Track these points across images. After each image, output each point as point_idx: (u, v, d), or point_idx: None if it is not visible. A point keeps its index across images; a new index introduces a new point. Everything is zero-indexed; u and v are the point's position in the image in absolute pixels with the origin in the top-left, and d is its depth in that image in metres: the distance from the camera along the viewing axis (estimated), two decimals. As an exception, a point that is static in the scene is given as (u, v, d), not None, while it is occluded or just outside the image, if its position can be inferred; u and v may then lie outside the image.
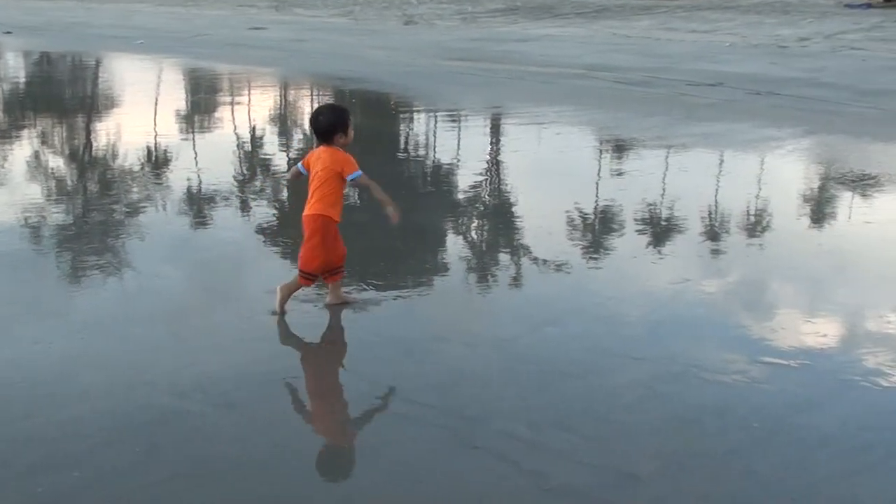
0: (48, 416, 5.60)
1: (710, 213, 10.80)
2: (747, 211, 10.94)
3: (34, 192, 11.28)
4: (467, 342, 6.85)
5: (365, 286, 7.74)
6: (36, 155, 13.82)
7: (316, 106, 7.24)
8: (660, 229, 10.06)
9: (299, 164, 7.33)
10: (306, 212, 7.15)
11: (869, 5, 37.34)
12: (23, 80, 25.04)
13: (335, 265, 7.25)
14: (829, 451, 5.34)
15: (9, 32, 35.13)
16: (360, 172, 7.13)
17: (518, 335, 6.95)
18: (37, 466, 5.05)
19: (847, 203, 11.56)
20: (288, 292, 7.24)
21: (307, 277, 7.22)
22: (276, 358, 6.47)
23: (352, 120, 7.29)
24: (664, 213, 10.62)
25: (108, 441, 5.31)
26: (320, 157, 7.14)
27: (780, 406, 5.88)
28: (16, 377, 6.15)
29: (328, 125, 7.15)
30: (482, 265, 8.92)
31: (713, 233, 10.09)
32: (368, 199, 7.47)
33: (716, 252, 9.40)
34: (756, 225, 10.57)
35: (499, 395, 6.02)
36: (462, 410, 5.76)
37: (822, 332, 7.11)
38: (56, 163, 13.46)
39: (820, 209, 11.35)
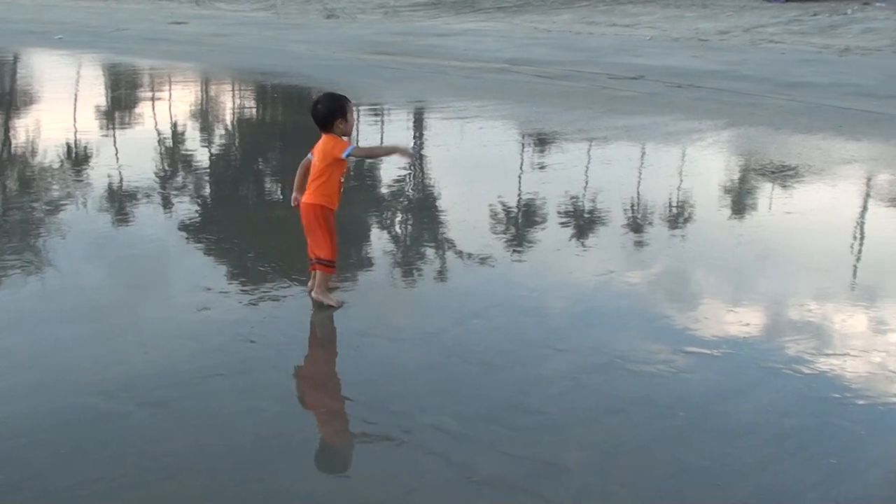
0: (-32, 418, 5.52)
1: (632, 206, 10.88)
2: (669, 203, 11.03)
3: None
4: (393, 336, 6.84)
5: (288, 282, 7.70)
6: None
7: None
8: (583, 222, 10.11)
9: (308, 155, 7.42)
10: (303, 199, 7.30)
11: (786, -1, 37.77)
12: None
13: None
14: (752, 439, 5.40)
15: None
16: (352, 147, 7.23)
17: (443, 328, 6.95)
18: (-43, 468, 4.97)
19: (767, 194, 11.70)
20: (324, 288, 7.33)
21: (329, 265, 7.32)
22: (202, 355, 6.41)
23: (350, 106, 7.28)
24: (587, 206, 10.68)
25: (32, 442, 5.22)
26: (318, 145, 7.25)
27: (704, 395, 5.95)
28: (-66, 378, 6.05)
29: (326, 112, 7.16)
30: (406, 259, 8.91)
31: (636, 224, 10.16)
32: (287, 195, 7.43)
33: (639, 243, 9.47)
34: (678, 216, 10.66)
35: (425, 389, 6.01)
36: (389, 405, 5.76)
37: (744, 322, 7.19)
38: (-27, 160, 13.25)
39: (741, 200, 11.48)
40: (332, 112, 7.15)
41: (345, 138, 7.24)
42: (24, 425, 5.40)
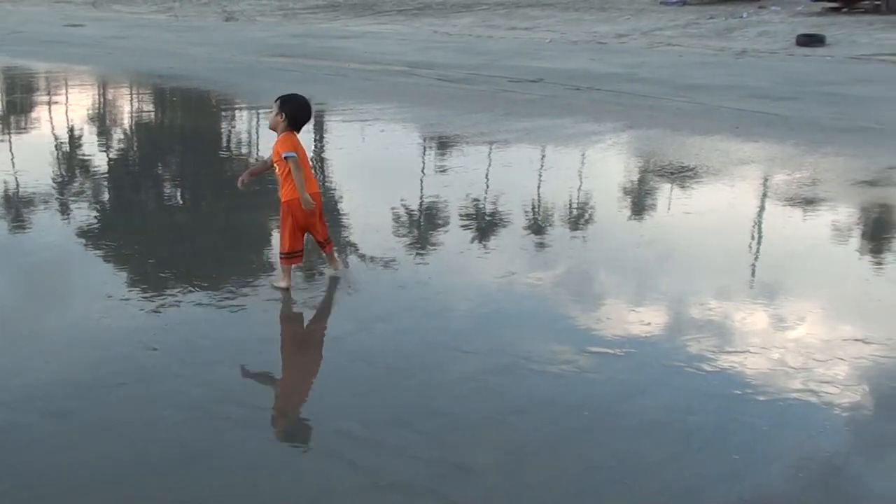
0: None
1: (533, 207, 10.94)
2: (570, 204, 11.10)
3: None
4: (297, 342, 6.81)
5: (191, 288, 7.62)
6: None
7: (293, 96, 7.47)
8: (485, 224, 10.14)
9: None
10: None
11: (684, 2, 38.27)
12: None
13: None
14: (657, 437, 5.46)
15: None
16: (293, 154, 7.46)
17: (348, 332, 6.93)
18: None
19: (667, 195, 11.82)
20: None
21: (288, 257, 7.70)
22: (105, 364, 6.31)
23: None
24: (489, 208, 10.71)
25: (-72, 455, 5.12)
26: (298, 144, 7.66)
27: (608, 394, 6.00)
28: None
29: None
30: (309, 263, 8.85)
31: (537, 226, 10.22)
32: (190, 200, 7.36)
33: (540, 245, 9.52)
34: (579, 218, 10.74)
35: (331, 394, 6.00)
36: (294, 411, 5.75)
37: (646, 321, 7.26)
38: None
39: (641, 201, 11.59)
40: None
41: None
42: (-81, 438, 5.29)
